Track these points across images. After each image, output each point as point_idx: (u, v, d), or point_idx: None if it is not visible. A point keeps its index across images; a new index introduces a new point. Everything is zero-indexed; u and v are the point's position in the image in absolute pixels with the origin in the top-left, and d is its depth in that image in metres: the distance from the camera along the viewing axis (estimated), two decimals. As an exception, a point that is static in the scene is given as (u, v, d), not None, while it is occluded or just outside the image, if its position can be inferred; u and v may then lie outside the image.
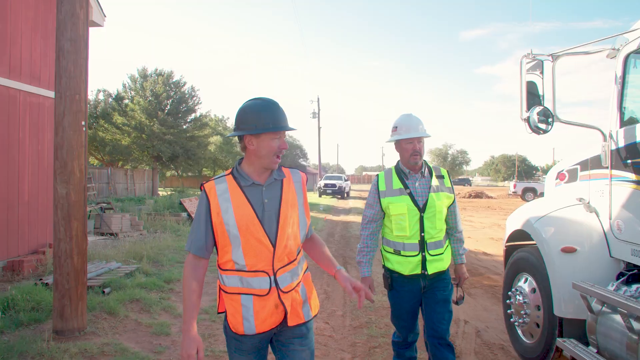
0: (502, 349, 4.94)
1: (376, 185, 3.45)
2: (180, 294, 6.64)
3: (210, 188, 2.23)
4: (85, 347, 4.43)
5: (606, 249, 3.93)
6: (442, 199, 3.35)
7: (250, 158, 2.25)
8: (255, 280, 2.21)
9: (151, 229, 13.18)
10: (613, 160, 3.83)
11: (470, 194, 42.60)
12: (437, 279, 3.35)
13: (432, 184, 3.35)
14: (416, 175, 3.37)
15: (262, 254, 2.20)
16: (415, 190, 3.33)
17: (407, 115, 3.46)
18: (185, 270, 2.25)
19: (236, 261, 2.20)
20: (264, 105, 2.23)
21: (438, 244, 3.33)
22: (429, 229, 3.28)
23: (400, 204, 3.29)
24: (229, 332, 2.29)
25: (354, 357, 4.58)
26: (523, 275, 4.65)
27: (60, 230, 4.78)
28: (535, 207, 4.76)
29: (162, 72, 35.50)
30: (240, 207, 2.20)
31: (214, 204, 2.20)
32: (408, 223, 3.27)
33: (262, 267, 2.21)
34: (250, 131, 2.18)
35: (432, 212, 3.28)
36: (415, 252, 3.29)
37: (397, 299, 3.42)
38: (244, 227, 2.18)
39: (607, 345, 3.42)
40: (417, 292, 3.36)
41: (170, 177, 55.35)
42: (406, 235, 3.29)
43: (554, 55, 4.13)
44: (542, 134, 4.05)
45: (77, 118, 4.82)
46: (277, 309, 2.25)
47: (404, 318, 3.46)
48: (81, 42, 4.86)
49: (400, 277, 3.34)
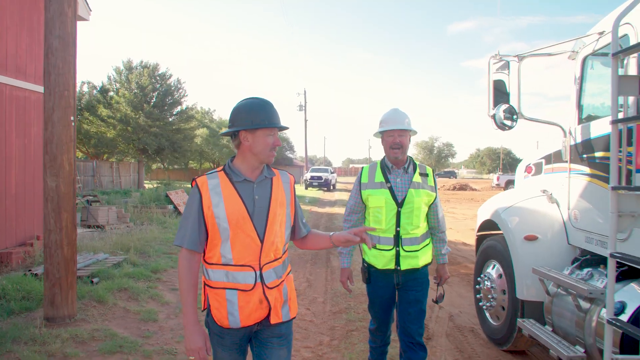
0: (472, 332, 5.25)
1: (359, 177, 3.51)
2: (167, 283, 6.86)
3: (203, 182, 2.26)
4: (76, 333, 4.64)
5: (565, 236, 4.24)
6: (421, 195, 3.34)
7: (245, 154, 2.30)
8: (240, 274, 2.24)
9: (138, 221, 13.31)
10: (572, 155, 4.13)
11: (454, 186, 43.13)
12: (411, 278, 3.37)
13: (413, 180, 3.36)
14: (399, 170, 3.40)
15: (249, 249, 2.24)
16: (396, 185, 3.35)
17: (393, 110, 3.50)
18: (181, 266, 2.25)
19: (223, 255, 2.23)
20: (258, 103, 2.30)
21: (414, 240, 3.34)
22: (405, 225, 3.30)
23: (379, 197, 3.34)
24: (212, 327, 2.31)
25: (333, 339, 4.86)
26: (491, 262, 4.95)
27: (50, 221, 4.96)
28: (503, 198, 5.06)
29: (148, 64, 35.29)
30: (231, 201, 2.24)
31: (206, 198, 2.23)
32: (384, 216, 3.31)
33: (248, 261, 2.24)
34: (246, 127, 2.24)
35: (409, 208, 3.29)
36: (389, 247, 3.32)
37: (372, 293, 3.49)
38: (234, 222, 2.21)
39: (561, 324, 3.73)
40: (391, 288, 3.42)
41: (156, 170, 55.10)
42: (382, 228, 3.32)
43: (519, 56, 4.41)
44: (508, 130, 4.34)
45: (66, 113, 5.00)
46: (262, 305, 2.28)
47: (377, 310, 3.55)
48: (69, 39, 5.03)
49: (376, 271, 3.39)
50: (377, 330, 3.63)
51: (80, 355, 4.22)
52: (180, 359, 4.20)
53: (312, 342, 4.79)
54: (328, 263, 8.66)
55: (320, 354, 4.49)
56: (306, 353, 4.49)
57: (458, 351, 4.69)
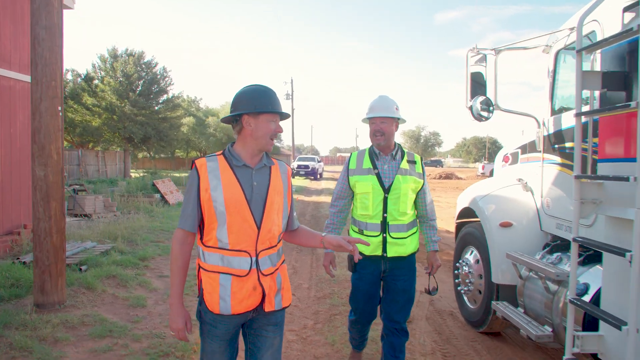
0: (451, 315, 5.46)
1: (347, 163, 3.53)
2: (154, 271, 6.98)
3: (202, 164, 2.25)
4: (66, 318, 4.75)
5: (538, 223, 4.44)
6: (408, 182, 3.36)
7: (246, 140, 2.29)
8: (236, 259, 2.24)
9: (124, 210, 13.35)
10: (545, 145, 4.31)
11: (440, 175, 43.52)
12: (397, 266, 3.39)
13: (400, 167, 3.38)
14: (386, 157, 3.40)
15: (246, 234, 2.24)
16: (384, 171, 3.37)
17: (380, 97, 3.49)
18: (173, 247, 2.27)
19: (220, 239, 2.23)
20: (263, 89, 2.32)
21: (401, 227, 3.35)
22: (392, 211, 3.32)
23: (366, 183, 3.35)
24: (205, 316, 2.30)
25: (317, 323, 5.04)
26: (469, 249, 5.15)
27: (39, 210, 5.05)
28: (481, 187, 5.25)
29: (133, 52, 34.92)
30: (229, 185, 2.24)
31: (204, 180, 2.22)
32: (371, 202, 3.33)
33: (245, 247, 2.25)
34: (249, 110, 2.24)
35: (396, 194, 3.32)
36: (376, 233, 3.34)
37: (357, 280, 3.48)
38: (232, 206, 2.21)
39: (531, 306, 3.94)
40: (377, 275, 3.42)
41: (142, 159, 54.75)
42: (369, 215, 3.35)
43: (496, 50, 4.57)
44: (484, 121, 4.51)
45: (54, 103, 5.06)
46: (255, 291, 2.27)
47: (359, 300, 3.51)
48: (56, 30, 5.08)
49: (363, 257, 3.30)
50: (356, 322, 3.64)
51: (71, 339, 4.34)
52: (169, 342, 4.34)
53: (296, 325, 4.96)
54: (313, 251, 8.82)
55: (304, 337, 4.66)
56: (291, 336, 4.66)
57: (437, 333, 4.89)
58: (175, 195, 16.90)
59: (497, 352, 4.45)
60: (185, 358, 4.04)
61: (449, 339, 4.75)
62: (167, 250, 8.30)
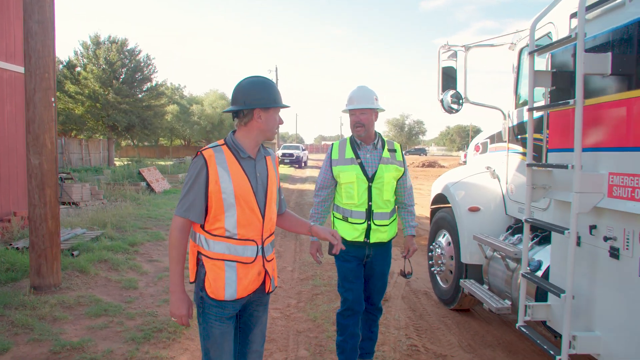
0: (425, 294, 5.85)
1: (330, 153, 3.55)
2: (144, 255, 7.25)
3: (210, 155, 2.25)
4: (62, 299, 5.03)
5: (503, 207, 4.82)
6: (391, 170, 3.43)
7: (252, 131, 2.34)
8: (242, 248, 2.28)
9: (111, 198, 13.53)
10: (509, 136, 4.67)
11: (423, 163, 44.05)
12: (378, 252, 3.49)
13: (382, 156, 3.45)
14: (368, 146, 3.46)
15: (253, 224, 2.30)
16: (366, 160, 3.42)
17: (358, 87, 3.52)
18: (174, 235, 2.25)
19: (228, 229, 2.26)
20: (270, 83, 2.37)
21: (384, 215, 3.44)
22: (376, 199, 3.40)
23: (350, 173, 3.40)
24: (209, 300, 2.29)
25: (299, 302, 5.38)
26: (442, 232, 5.53)
27: (34, 197, 5.28)
28: (453, 174, 5.61)
29: (116, 39, 34.70)
30: (238, 177, 2.27)
31: (213, 172, 2.23)
32: (356, 191, 3.39)
33: (252, 236, 2.30)
34: (263, 105, 2.29)
35: (380, 183, 3.39)
36: (361, 220, 3.41)
37: (343, 261, 3.50)
38: (241, 198, 2.25)
39: (494, 282, 4.32)
40: (361, 258, 3.50)
41: (125, 147, 54.47)
42: (354, 203, 3.41)
43: (466, 47, 4.91)
44: (454, 113, 4.86)
45: (47, 95, 5.28)
46: (259, 276, 2.36)
47: (351, 279, 3.48)
48: (48, 24, 5.28)
49: (345, 242, 3.41)
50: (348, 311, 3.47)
51: (69, 318, 4.63)
52: (161, 320, 4.65)
53: (280, 304, 5.30)
54: (297, 236, 9.16)
55: (287, 314, 5.00)
56: (275, 314, 5.00)
57: (411, 310, 5.27)
58: (161, 183, 17.08)
59: (465, 327, 4.84)
60: (178, 333, 4.35)
61: (422, 315, 5.14)
62: (155, 236, 8.57)
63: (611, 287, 2.67)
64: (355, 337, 3.52)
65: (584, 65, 2.62)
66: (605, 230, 2.70)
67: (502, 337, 4.57)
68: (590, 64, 2.62)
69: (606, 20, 2.80)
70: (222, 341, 2.32)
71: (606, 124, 2.67)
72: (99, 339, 4.19)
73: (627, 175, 2.50)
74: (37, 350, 3.92)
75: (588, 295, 2.86)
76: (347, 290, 3.49)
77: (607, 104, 2.66)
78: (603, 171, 2.68)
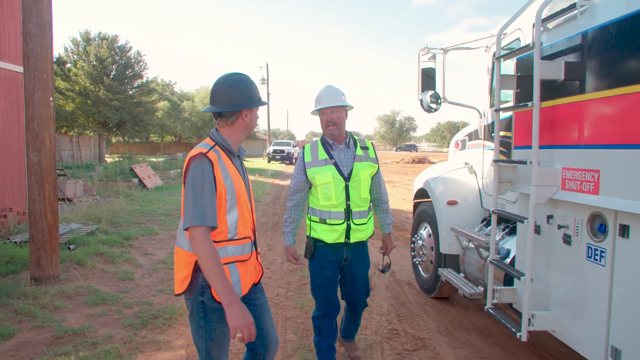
0: (408, 284, 6.16)
1: (302, 156, 3.52)
2: (139, 249, 7.50)
3: (214, 157, 2.23)
4: (62, 290, 5.28)
5: (479, 201, 5.13)
6: (366, 168, 3.43)
7: (238, 130, 2.37)
8: (241, 247, 2.33)
9: (104, 194, 13.73)
10: (485, 133, 4.98)
11: (414, 159, 44.49)
12: (357, 252, 3.49)
13: (356, 154, 3.45)
14: (340, 146, 3.45)
15: (247, 221, 2.36)
16: (341, 160, 3.41)
17: (326, 87, 3.51)
18: (205, 245, 2.10)
19: (230, 230, 2.26)
20: (251, 81, 2.40)
21: (362, 213, 3.43)
22: (354, 198, 3.38)
23: (326, 174, 3.36)
24: (213, 304, 2.25)
25: (288, 291, 5.68)
26: (424, 225, 5.83)
27: (34, 192, 5.52)
28: (434, 170, 5.92)
29: (107, 35, 34.68)
30: (235, 176, 2.29)
31: (217, 173, 2.21)
32: (334, 192, 3.35)
33: (248, 233, 2.35)
34: (251, 105, 2.34)
35: (356, 181, 3.38)
36: (340, 221, 3.38)
37: (319, 268, 3.48)
38: (240, 196, 2.29)
39: (469, 270, 4.64)
40: (339, 261, 3.47)
41: (116, 144, 54.41)
42: (333, 204, 3.37)
43: (444, 49, 5.21)
44: (433, 112, 5.16)
45: (46, 94, 5.51)
46: (255, 270, 2.43)
47: (325, 286, 3.48)
48: (46, 26, 5.50)
49: (324, 246, 3.42)
50: (323, 317, 3.55)
51: (69, 307, 4.88)
52: (157, 308, 4.91)
53: (270, 293, 5.59)
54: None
55: (277, 302, 5.29)
56: (265, 302, 5.28)
57: (394, 298, 5.58)
58: (153, 179, 17.28)
59: (444, 313, 5.15)
60: (173, 320, 4.62)
61: (404, 303, 5.44)
62: (148, 231, 8.81)
63: (564, 270, 2.99)
64: (332, 336, 3.62)
65: (540, 71, 2.92)
66: (559, 219, 3.02)
67: (477, 322, 4.89)
68: (545, 70, 2.92)
69: (562, 30, 3.10)
70: (223, 341, 2.36)
71: (560, 124, 2.98)
72: (99, 326, 4.45)
73: (577, 170, 2.81)
74: (41, 336, 4.18)
75: (546, 278, 3.18)
76: (321, 297, 3.51)
77: (561, 106, 2.96)
78: (558, 166, 2.99)
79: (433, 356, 4.07)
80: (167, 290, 5.50)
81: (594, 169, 2.65)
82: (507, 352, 4.20)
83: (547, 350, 4.23)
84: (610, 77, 2.58)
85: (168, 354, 3.95)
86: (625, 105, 2.43)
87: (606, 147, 2.57)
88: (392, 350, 4.16)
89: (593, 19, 2.81)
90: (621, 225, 2.50)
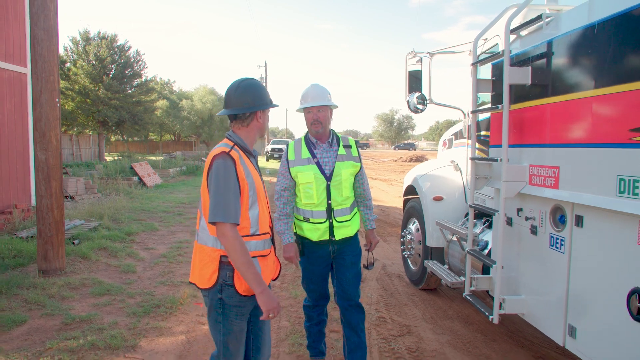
0: (398, 277, 6.46)
1: (286, 155, 3.52)
2: (140, 244, 7.79)
3: (236, 156, 2.34)
4: (68, 281, 5.57)
5: (463, 197, 5.42)
6: (348, 167, 3.43)
7: (253, 131, 2.51)
8: (262, 242, 2.43)
9: (105, 192, 13.99)
10: (469, 133, 5.27)
11: (412, 157, 44.72)
12: (345, 245, 3.50)
13: (338, 153, 3.45)
14: (323, 145, 3.46)
15: (266, 217, 2.46)
16: (323, 159, 3.42)
17: (312, 86, 3.52)
18: (236, 242, 2.22)
19: (252, 225, 2.35)
20: (262, 85, 2.55)
21: (345, 211, 3.45)
22: (335, 197, 3.39)
23: (308, 173, 3.38)
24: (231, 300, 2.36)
25: (283, 283, 5.97)
26: (412, 220, 6.12)
27: (42, 188, 5.80)
28: (422, 167, 6.21)
29: (106, 35, 34.92)
30: (255, 175, 2.41)
31: (240, 171, 2.31)
32: (315, 191, 3.37)
33: (266, 229, 2.45)
34: (265, 106, 2.50)
35: (338, 181, 3.38)
36: (323, 219, 3.40)
37: (308, 264, 3.54)
38: (260, 193, 2.39)
39: (453, 262, 4.93)
40: (327, 257, 3.51)
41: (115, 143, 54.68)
42: (314, 203, 3.39)
43: (430, 53, 5.49)
44: (420, 113, 5.44)
45: (52, 96, 5.79)
46: (274, 265, 2.52)
47: (315, 281, 3.57)
48: (53, 31, 5.78)
49: (311, 243, 3.46)
50: (313, 307, 3.69)
51: (76, 297, 5.17)
52: (159, 298, 5.20)
53: (266, 285, 5.87)
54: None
55: (272, 293, 5.58)
56: (261, 293, 5.57)
57: (383, 290, 5.88)
58: (152, 177, 17.56)
59: (430, 303, 5.45)
60: (174, 309, 4.91)
61: (392, 293, 5.74)
62: (149, 227, 9.11)
63: (531, 258, 3.28)
64: (322, 323, 3.76)
65: (509, 77, 3.21)
66: (527, 211, 3.31)
67: (461, 311, 5.19)
68: (514, 76, 3.21)
69: (531, 38, 3.38)
70: (240, 336, 2.47)
71: (528, 125, 3.27)
72: (104, 314, 4.74)
73: (542, 166, 3.10)
74: (50, 323, 4.46)
75: (516, 266, 3.47)
76: (311, 290, 3.64)
77: (528, 109, 3.25)
78: (525, 163, 3.28)
79: (417, 341, 4.37)
80: (168, 282, 5.79)
81: (555, 165, 2.94)
82: (487, 338, 4.50)
83: (524, 337, 4.53)
84: (567, 82, 2.87)
85: (169, 339, 4.23)
86: (578, 108, 2.72)
87: (564, 146, 2.86)
88: (378, 335, 4.46)
89: (557, 29, 3.10)
90: (577, 216, 2.79)
